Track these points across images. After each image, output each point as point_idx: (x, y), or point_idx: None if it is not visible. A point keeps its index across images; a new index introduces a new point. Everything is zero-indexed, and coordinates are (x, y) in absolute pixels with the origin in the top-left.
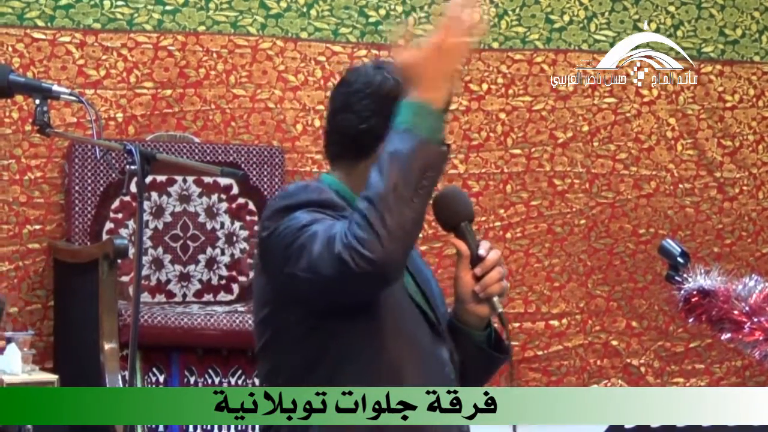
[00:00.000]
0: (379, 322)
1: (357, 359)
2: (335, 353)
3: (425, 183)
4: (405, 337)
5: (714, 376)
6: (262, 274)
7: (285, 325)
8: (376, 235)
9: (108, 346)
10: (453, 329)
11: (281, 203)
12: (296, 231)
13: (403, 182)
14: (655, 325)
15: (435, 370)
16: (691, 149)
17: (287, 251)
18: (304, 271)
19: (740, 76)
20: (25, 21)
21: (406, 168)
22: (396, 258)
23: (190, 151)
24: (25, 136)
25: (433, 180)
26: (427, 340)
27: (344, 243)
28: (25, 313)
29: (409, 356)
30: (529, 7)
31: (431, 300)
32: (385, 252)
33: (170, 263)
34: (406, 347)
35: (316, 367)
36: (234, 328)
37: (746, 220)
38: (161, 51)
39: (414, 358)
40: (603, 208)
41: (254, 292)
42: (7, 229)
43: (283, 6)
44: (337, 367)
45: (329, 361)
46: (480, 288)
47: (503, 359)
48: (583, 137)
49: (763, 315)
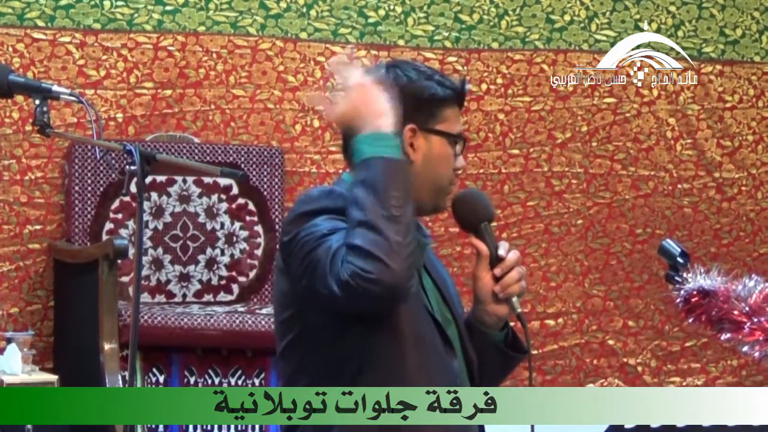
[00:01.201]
0: (400, 330)
1: (380, 365)
2: (359, 358)
3: (397, 194)
4: (425, 346)
5: (710, 375)
6: (284, 276)
7: (310, 327)
8: (377, 260)
9: (108, 347)
10: (471, 329)
11: (303, 208)
12: (315, 241)
13: (383, 203)
14: (651, 325)
15: (448, 381)
16: (690, 149)
17: (305, 261)
18: (320, 285)
19: (740, 76)
20: (26, 21)
21: (381, 189)
22: (402, 273)
23: (189, 151)
24: (26, 136)
25: (405, 190)
26: (441, 351)
27: (349, 273)
28: (25, 314)
29: (427, 366)
30: (530, 7)
31: (449, 301)
32: (391, 272)
33: (170, 263)
34: (426, 356)
35: (342, 370)
36: (234, 329)
37: (744, 221)
38: (161, 51)
39: (432, 368)
40: (600, 209)
41: (275, 292)
42: (8, 230)
43: (283, 6)
44: (360, 372)
45: (353, 365)
46: (500, 288)
47: (520, 358)
48: (581, 137)
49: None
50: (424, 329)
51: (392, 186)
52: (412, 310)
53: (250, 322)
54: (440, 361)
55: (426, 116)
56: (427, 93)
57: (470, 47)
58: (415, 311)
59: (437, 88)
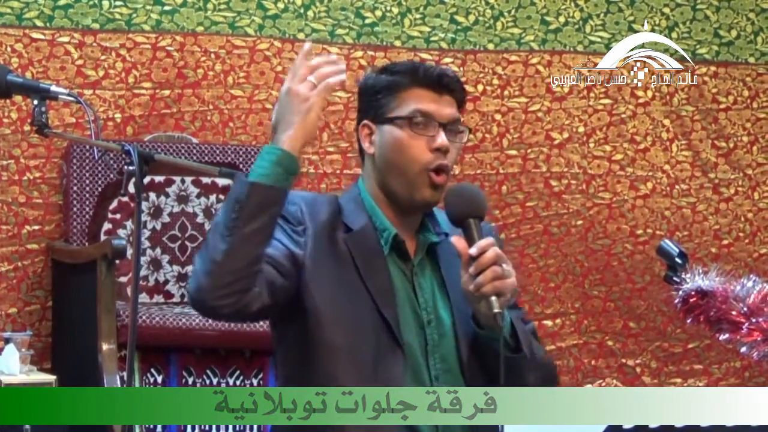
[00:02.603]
0: (309, 334)
1: (292, 366)
2: (281, 358)
3: (235, 216)
4: (341, 350)
5: (713, 377)
6: None
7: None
8: (195, 274)
9: (106, 347)
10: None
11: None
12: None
13: (224, 221)
14: (653, 326)
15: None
16: (685, 150)
17: None
18: None
19: (735, 77)
20: (24, 21)
21: (227, 207)
22: (209, 292)
23: (188, 151)
24: (24, 136)
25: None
26: (375, 356)
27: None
28: (23, 314)
29: (342, 371)
30: (525, 9)
31: (452, 300)
32: (198, 288)
33: (168, 264)
34: (341, 362)
35: (283, 368)
36: (232, 329)
37: (743, 221)
38: (159, 51)
39: (349, 373)
40: (600, 209)
41: None
42: (6, 230)
43: (281, 7)
44: (284, 371)
45: (283, 364)
46: (474, 288)
47: (515, 359)
48: (579, 138)
49: (761, 315)
50: (349, 333)
51: (235, 207)
52: (334, 315)
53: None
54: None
55: (377, 109)
56: (376, 86)
57: (466, 48)
58: (341, 317)
59: (383, 78)
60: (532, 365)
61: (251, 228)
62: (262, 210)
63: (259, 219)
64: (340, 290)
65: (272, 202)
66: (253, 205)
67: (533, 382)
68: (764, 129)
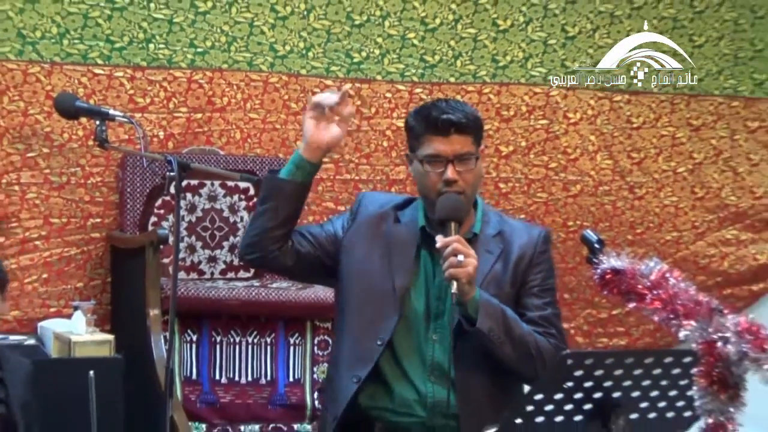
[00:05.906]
0: (340, 294)
1: (335, 317)
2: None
3: (258, 199)
4: (353, 307)
5: (632, 337)
6: None
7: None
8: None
9: (153, 313)
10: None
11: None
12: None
13: (259, 203)
14: (583, 297)
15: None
16: (607, 159)
17: None
18: None
19: (643, 103)
20: (88, 60)
21: (261, 196)
22: (242, 247)
23: (216, 161)
24: (88, 149)
25: (268, 198)
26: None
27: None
28: (88, 288)
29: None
30: (479, 50)
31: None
32: (241, 244)
33: (201, 248)
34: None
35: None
36: (251, 299)
37: (652, 215)
38: (193, 83)
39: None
40: (538, 206)
41: None
42: (75, 222)
43: (288, 49)
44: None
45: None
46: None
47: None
48: (521, 151)
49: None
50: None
51: (262, 194)
52: (357, 278)
53: (264, 294)
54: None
55: (410, 146)
56: (408, 126)
57: (433, 81)
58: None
59: (411, 121)
60: (499, 341)
61: (263, 207)
62: (270, 194)
63: (269, 202)
64: (368, 263)
65: (279, 189)
66: (264, 190)
67: (509, 354)
68: (667, 143)
